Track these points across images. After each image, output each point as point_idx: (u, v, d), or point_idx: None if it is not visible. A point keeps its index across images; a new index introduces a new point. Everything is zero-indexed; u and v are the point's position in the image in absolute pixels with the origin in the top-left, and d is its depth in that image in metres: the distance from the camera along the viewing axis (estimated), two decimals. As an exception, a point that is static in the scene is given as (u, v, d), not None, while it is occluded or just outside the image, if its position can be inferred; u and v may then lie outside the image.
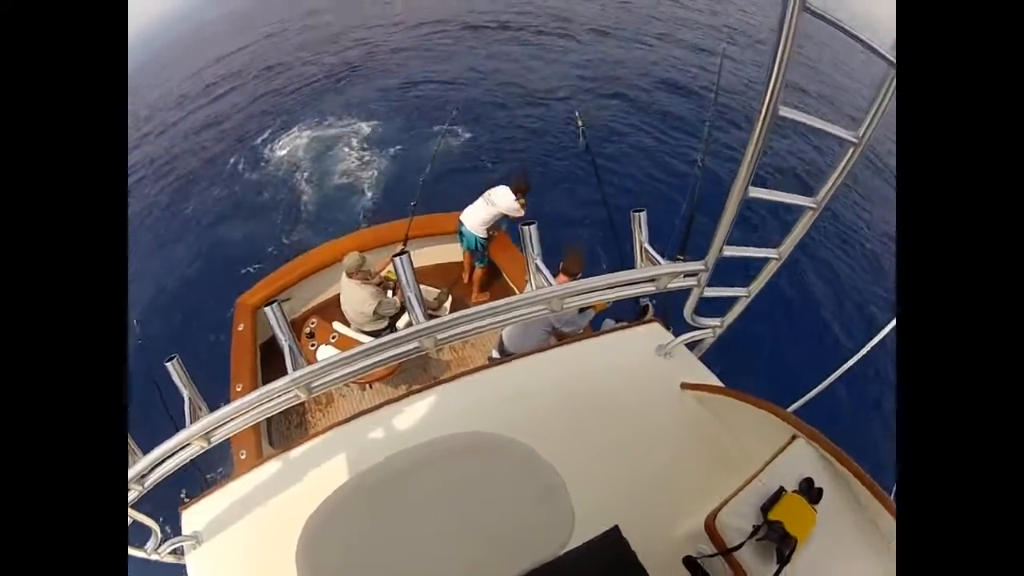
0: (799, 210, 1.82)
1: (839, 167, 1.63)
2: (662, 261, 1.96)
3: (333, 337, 5.03)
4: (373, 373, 4.63)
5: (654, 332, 2.91)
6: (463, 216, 5.57)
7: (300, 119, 14.28)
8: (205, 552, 2.11)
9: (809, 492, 1.80)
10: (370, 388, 5.08)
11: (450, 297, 5.72)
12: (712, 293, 2.14)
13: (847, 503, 1.85)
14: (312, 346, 5.02)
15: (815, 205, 1.76)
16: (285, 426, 4.96)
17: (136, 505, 1.70)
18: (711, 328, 2.46)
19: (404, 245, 5.51)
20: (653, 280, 1.99)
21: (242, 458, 3.98)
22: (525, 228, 1.81)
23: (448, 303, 5.71)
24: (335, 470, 2.31)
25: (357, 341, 4.41)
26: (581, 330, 4.20)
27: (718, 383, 2.55)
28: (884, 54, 1.33)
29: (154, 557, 1.98)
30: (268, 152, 13.04)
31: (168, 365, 1.64)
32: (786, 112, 1.39)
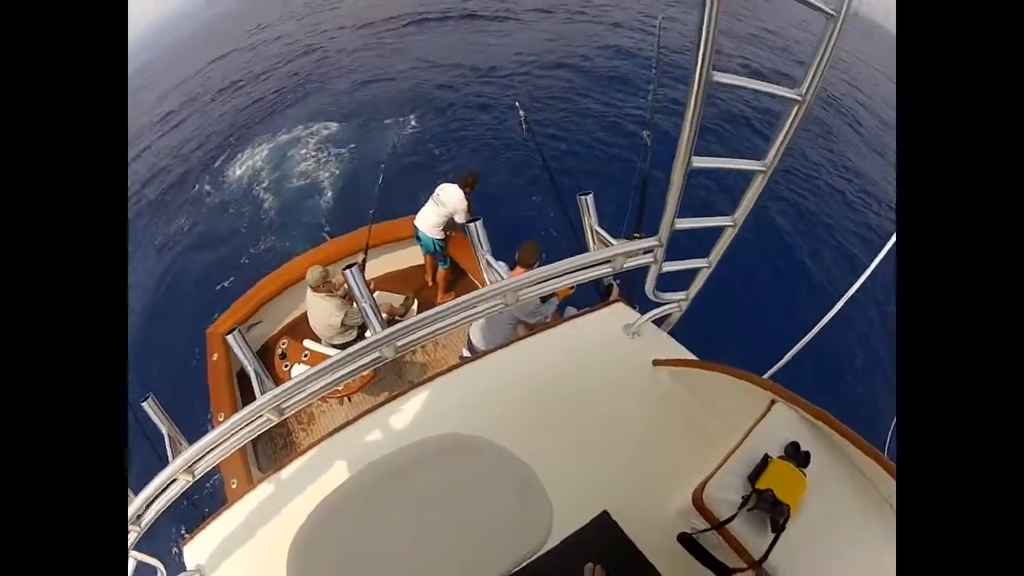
0: (750, 175, 1.81)
1: (784, 127, 1.63)
2: (614, 242, 1.96)
3: (305, 355, 4.98)
4: (348, 386, 4.60)
5: (620, 312, 2.90)
6: (417, 221, 5.51)
7: (256, 134, 14.25)
8: None
9: (796, 456, 1.79)
10: (348, 401, 5.05)
11: (416, 302, 5.68)
12: (672, 268, 2.14)
13: (837, 463, 1.85)
14: (286, 366, 4.97)
15: (764, 168, 1.76)
16: (271, 449, 4.93)
17: (137, 546, 1.73)
18: (676, 302, 2.46)
19: (365, 254, 5.45)
20: (608, 262, 1.99)
21: (233, 487, 3.97)
22: (471, 225, 1.81)
23: (415, 307, 5.66)
24: (322, 485, 2.28)
25: (329, 356, 4.32)
26: (548, 319, 4.18)
27: (690, 356, 2.55)
28: (822, 7, 1.32)
29: None
30: (228, 170, 13.00)
31: (144, 405, 1.66)
32: (720, 77, 1.38)
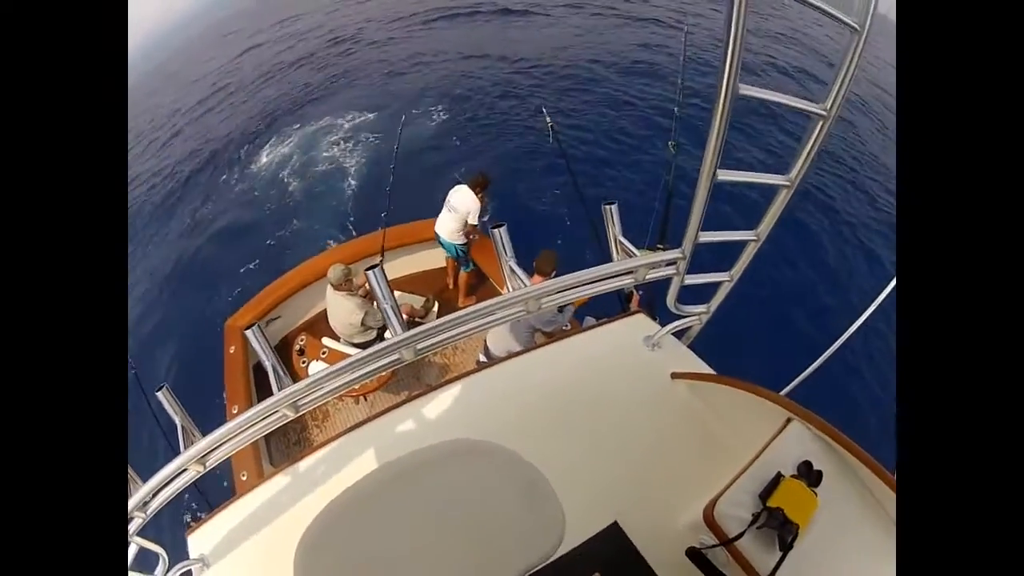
0: (774, 189, 1.80)
1: (809, 142, 1.62)
2: (638, 253, 1.95)
3: (323, 352, 5.01)
4: (365, 385, 4.63)
5: (640, 323, 2.88)
6: (437, 228, 5.54)
7: (285, 124, 14.67)
8: (213, 574, 2.10)
9: (808, 475, 1.76)
10: (364, 400, 5.08)
11: (436, 304, 5.69)
12: (694, 280, 2.13)
13: (849, 484, 1.82)
14: (303, 363, 5.01)
15: (789, 183, 1.75)
16: (284, 444, 4.97)
17: (142, 532, 1.73)
18: (697, 315, 2.44)
19: (382, 256, 5.50)
20: (631, 272, 1.97)
21: (243, 479, 3.99)
22: (495, 231, 1.80)
23: (435, 310, 5.68)
24: (332, 484, 2.28)
25: (347, 354, 4.35)
26: (567, 326, 4.18)
27: (708, 370, 2.53)
28: (847, 21, 1.31)
29: None
30: (256, 157, 13.42)
31: (159, 394, 1.67)
32: (747, 91, 1.37)
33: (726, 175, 1.60)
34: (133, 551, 1.79)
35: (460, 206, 5.26)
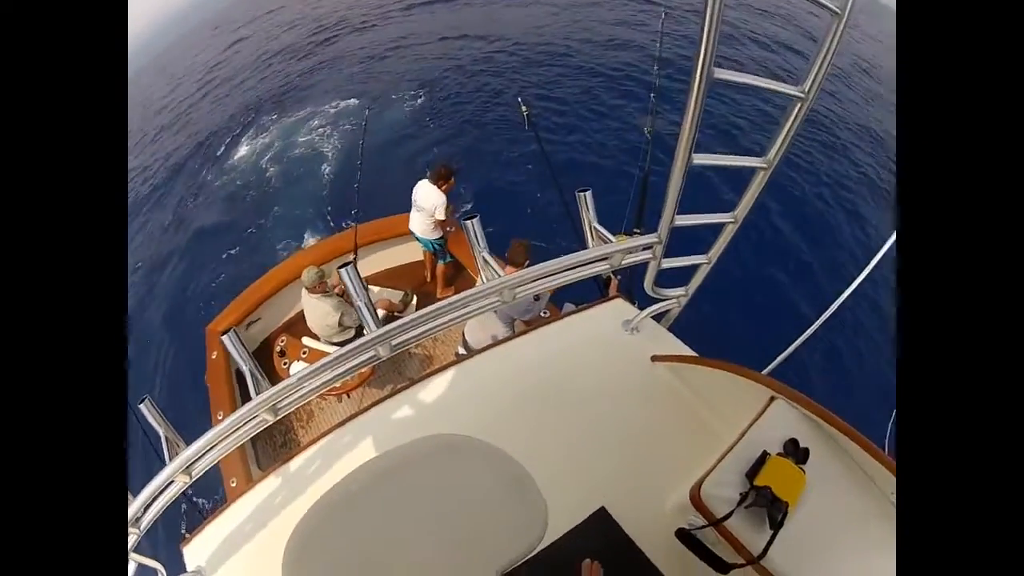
0: (751, 171, 1.81)
1: (787, 123, 1.63)
2: (613, 239, 1.96)
3: (304, 352, 4.98)
4: (346, 383, 4.60)
5: (618, 308, 2.89)
6: (411, 226, 5.50)
7: (265, 112, 14.89)
8: None
9: (795, 453, 1.78)
10: (348, 397, 5.04)
11: (415, 298, 5.66)
12: (671, 264, 2.14)
13: (837, 460, 1.84)
14: (285, 364, 4.98)
15: (766, 164, 1.75)
16: (271, 447, 4.93)
17: (138, 548, 1.74)
18: (676, 298, 2.45)
19: (355, 253, 5.44)
20: (606, 259, 1.99)
21: (233, 486, 3.97)
22: (467, 223, 1.81)
23: (414, 303, 5.64)
24: (319, 483, 2.28)
25: (328, 354, 4.33)
26: (545, 313, 4.18)
27: (689, 352, 2.54)
28: (829, 5, 1.32)
29: None
30: (235, 148, 13.58)
31: (141, 407, 1.67)
32: (722, 75, 1.37)
33: (701, 159, 1.61)
34: (132, 568, 1.78)
35: (425, 203, 5.20)
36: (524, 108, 5.39)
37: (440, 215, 5.18)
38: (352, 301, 1.68)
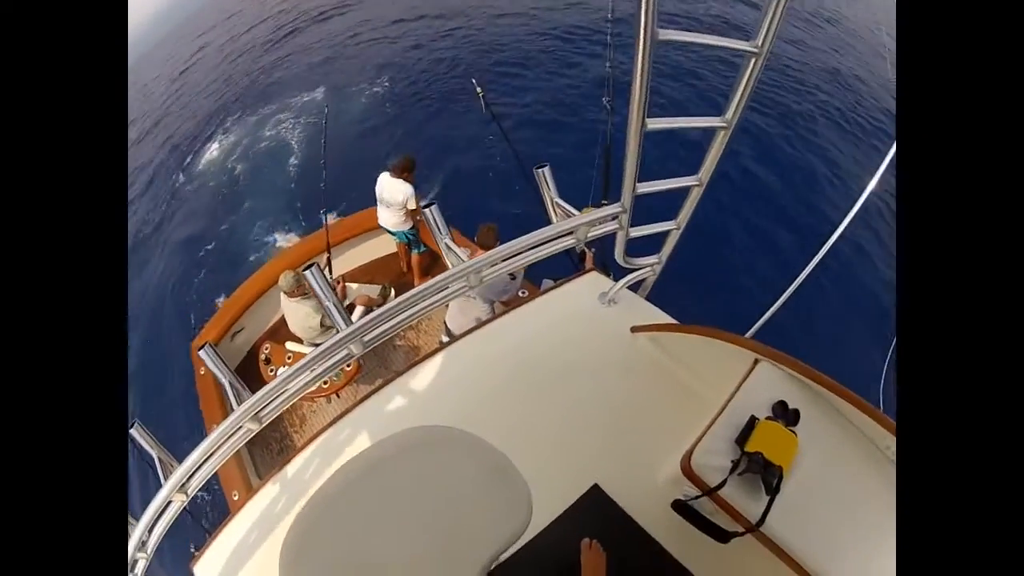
0: (711, 132, 1.77)
1: (743, 80, 1.59)
2: (576, 212, 1.95)
3: (288, 358, 4.97)
4: (333, 384, 4.62)
5: (593, 281, 2.87)
6: (381, 222, 5.47)
7: (230, 113, 14.66)
8: None
9: (784, 415, 1.76)
10: (337, 397, 5.02)
11: (393, 291, 5.62)
12: (640, 232, 2.13)
13: (827, 417, 1.83)
14: (271, 371, 4.96)
15: (726, 124, 1.72)
16: (268, 455, 4.90)
17: (148, 573, 1.75)
18: (650, 266, 2.43)
19: (329, 252, 5.42)
20: (571, 233, 1.97)
21: (235, 499, 3.95)
22: (427, 211, 1.82)
23: (393, 295, 5.58)
24: (315, 484, 2.29)
25: (312, 357, 4.37)
26: (523, 292, 4.15)
27: (669, 320, 2.53)
28: None
29: None
30: (202, 149, 13.43)
31: (132, 432, 1.69)
32: (667, 35, 1.34)
33: (656, 123, 1.58)
34: None
35: (393, 198, 5.14)
36: (479, 90, 5.35)
37: (412, 204, 5.14)
38: (320, 302, 1.67)
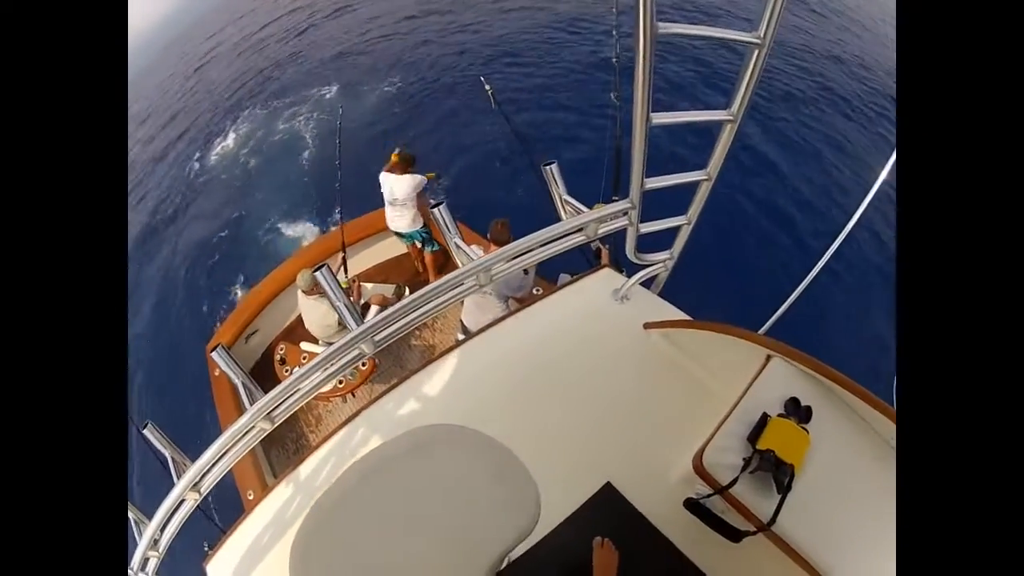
0: (718, 125, 1.76)
1: (747, 72, 1.58)
2: (585, 209, 1.95)
3: (304, 357, 4.99)
4: (349, 383, 4.64)
5: (607, 278, 2.86)
6: (391, 225, 5.45)
7: (243, 108, 14.91)
8: None
9: (796, 412, 1.74)
10: (352, 397, 5.03)
11: (407, 290, 5.63)
12: (650, 228, 2.11)
13: (841, 416, 1.80)
14: (286, 371, 4.97)
15: (732, 116, 1.71)
16: (284, 455, 4.95)
17: (159, 571, 1.78)
18: (661, 262, 2.42)
19: (344, 252, 5.41)
20: (580, 230, 1.97)
21: (250, 498, 3.96)
22: (435, 211, 1.82)
23: (407, 294, 5.57)
24: (327, 484, 2.32)
25: (327, 357, 4.40)
26: (537, 289, 4.14)
27: (681, 316, 2.51)
28: None
29: None
30: (214, 143, 13.69)
31: (145, 432, 1.72)
32: (667, 28, 1.33)
33: (661, 118, 1.58)
34: None
35: (403, 194, 5.13)
36: (488, 87, 5.33)
37: (421, 189, 5.15)
38: (331, 302, 1.70)
